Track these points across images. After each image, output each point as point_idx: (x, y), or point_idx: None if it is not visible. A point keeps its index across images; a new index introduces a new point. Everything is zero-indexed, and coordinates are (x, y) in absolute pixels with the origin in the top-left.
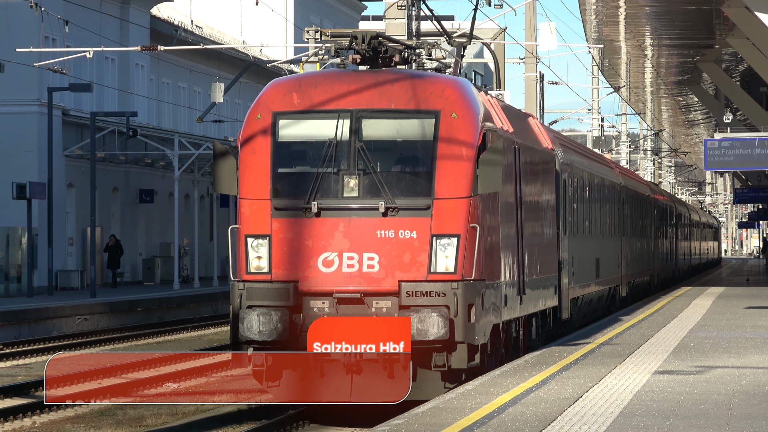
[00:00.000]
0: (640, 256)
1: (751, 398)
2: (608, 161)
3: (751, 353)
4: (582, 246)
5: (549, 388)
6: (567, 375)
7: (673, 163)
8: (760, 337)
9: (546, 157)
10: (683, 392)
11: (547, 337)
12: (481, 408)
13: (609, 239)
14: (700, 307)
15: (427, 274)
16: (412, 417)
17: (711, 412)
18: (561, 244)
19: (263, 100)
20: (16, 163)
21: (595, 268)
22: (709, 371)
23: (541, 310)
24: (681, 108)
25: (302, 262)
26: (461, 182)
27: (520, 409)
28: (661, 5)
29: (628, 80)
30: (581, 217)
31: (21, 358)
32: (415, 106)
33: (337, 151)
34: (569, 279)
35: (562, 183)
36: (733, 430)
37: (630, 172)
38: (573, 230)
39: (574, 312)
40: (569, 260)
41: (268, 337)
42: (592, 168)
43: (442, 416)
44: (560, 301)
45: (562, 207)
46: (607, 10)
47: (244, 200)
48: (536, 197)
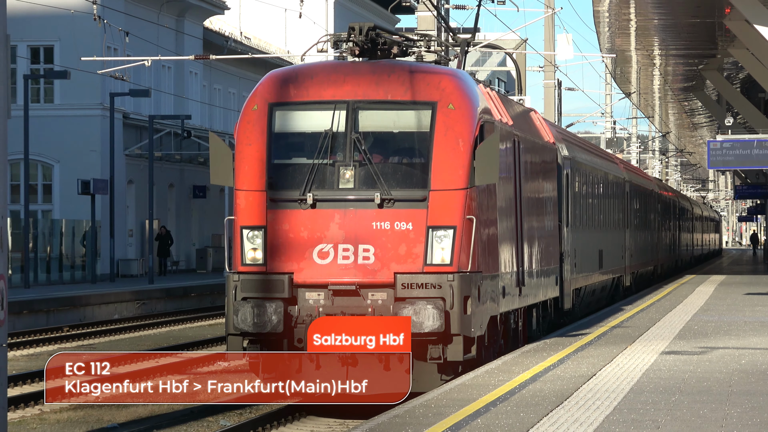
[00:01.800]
0: (644, 247)
1: (750, 376)
2: (613, 157)
3: (750, 336)
4: (585, 238)
5: (565, 367)
6: (582, 355)
7: (679, 162)
8: (758, 321)
9: (547, 151)
10: (687, 371)
11: (549, 327)
12: (504, 384)
13: (613, 231)
14: (703, 294)
15: (423, 266)
16: (440, 393)
17: (713, 389)
18: (563, 236)
19: (260, 91)
20: (81, 161)
21: (598, 259)
22: (711, 352)
23: (542, 301)
24: (686, 112)
25: (297, 254)
26: (458, 174)
27: (539, 386)
28: (668, 18)
29: (638, 87)
30: (584, 209)
31: (85, 339)
32: (412, 97)
33: (333, 142)
34: (571, 270)
35: (565, 176)
36: (733, 405)
37: (635, 168)
38: (575, 222)
39: (576, 302)
40: (571, 252)
41: (262, 329)
42: (596, 163)
43: (468, 392)
44: (562, 292)
45: (564, 200)
46: (619, 22)
47: (239, 191)
48: (537, 190)
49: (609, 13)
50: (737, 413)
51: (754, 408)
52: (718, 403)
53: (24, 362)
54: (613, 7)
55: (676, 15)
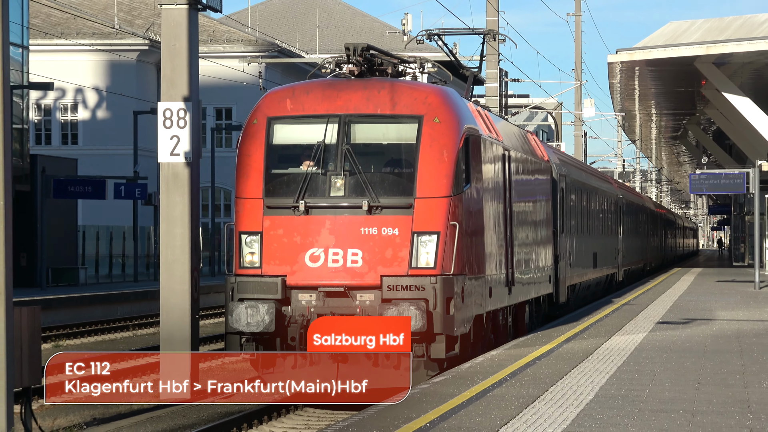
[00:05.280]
0: (635, 249)
1: (719, 339)
2: (609, 178)
3: (719, 311)
4: (579, 242)
5: (588, 334)
6: (599, 326)
7: (669, 188)
8: (725, 300)
9: (541, 167)
10: (675, 335)
11: (545, 318)
12: (538, 349)
13: (606, 237)
14: (685, 282)
15: (408, 269)
16: (485, 359)
17: (693, 348)
18: (558, 242)
19: (260, 106)
20: None
21: (593, 260)
22: (692, 322)
23: (535, 297)
24: (674, 153)
25: (291, 258)
26: (442, 182)
27: (570, 346)
28: (661, 87)
29: (641, 135)
30: (578, 218)
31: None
32: (399, 111)
33: (325, 153)
34: (566, 270)
35: (560, 190)
36: (707, 359)
37: (629, 188)
38: (570, 230)
39: (571, 297)
40: (566, 254)
41: (255, 329)
42: (590, 181)
43: (505, 360)
44: (557, 288)
45: (559, 210)
46: (627, 90)
47: (239, 199)
48: (529, 200)
49: (620, 84)
50: (710, 365)
51: (722, 361)
52: (696, 358)
53: (211, 328)
54: (623, 80)
55: (667, 85)
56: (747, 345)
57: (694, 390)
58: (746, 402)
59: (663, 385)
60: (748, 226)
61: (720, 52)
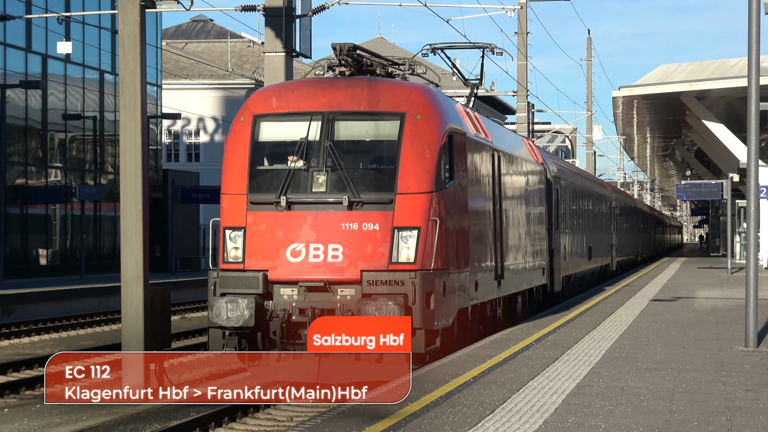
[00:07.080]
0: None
1: (699, 314)
2: (602, 182)
3: (700, 290)
4: (574, 237)
5: (597, 309)
6: (605, 302)
7: (660, 195)
8: (704, 282)
9: (534, 168)
10: (665, 311)
11: (539, 307)
12: (535, 334)
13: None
14: (673, 268)
15: (388, 264)
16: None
17: (679, 321)
18: (553, 237)
19: (247, 104)
20: None
21: (587, 253)
22: (678, 300)
23: (528, 288)
24: (664, 168)
25: (272, 253)
26: (423, 178)
27: (583, 318)
28: (654, 116)
29: (638, 153)
30: (573, 216)
31: None
32: (382, 108)
33: (308, 149)
34: (560, 262)
35: (555, 191)
36: (690, 329)
37: (622, 192)
38: (564, 226)
39: (566, 286)
40: (560, 249)
41: (235, 323)
42: (585, 183)
43: (505, 343)
44: (552, 279)
45: (553, 208)
46: (628, 119)
47: (224, 195)
48: (520, 198)
49: (622, 114)
50: (693, 333)
51: (701, 331)
52: (681, 328)
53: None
54: (624, 110)
55: (659, 114)
56: (721, 317)
57: (679, 353)
58: (721, 362)
59: (655, 349)
60: (722, 224)
61: (700, 89)
